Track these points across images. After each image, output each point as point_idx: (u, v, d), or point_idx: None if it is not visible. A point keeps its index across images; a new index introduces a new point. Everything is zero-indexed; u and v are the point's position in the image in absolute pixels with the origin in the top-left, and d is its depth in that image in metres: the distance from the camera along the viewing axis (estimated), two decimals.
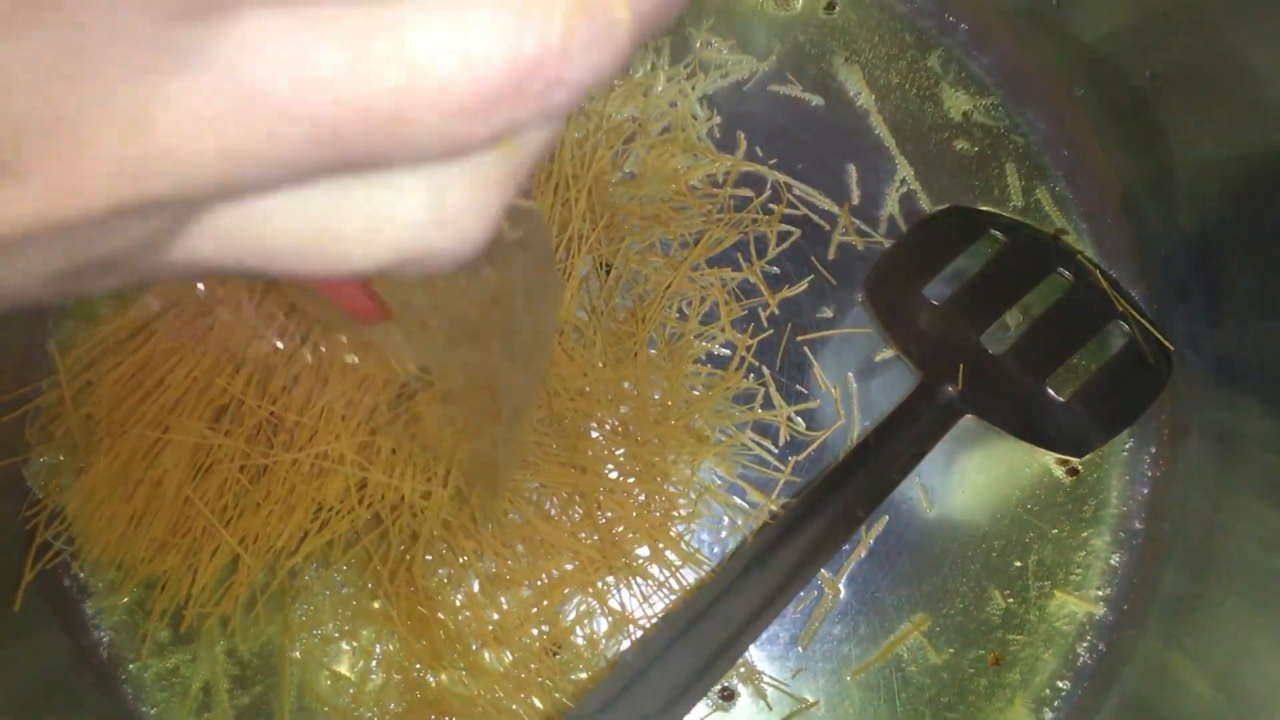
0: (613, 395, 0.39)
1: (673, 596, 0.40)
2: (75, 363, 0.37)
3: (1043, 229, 0.44)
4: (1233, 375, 0.40)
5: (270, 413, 0.36)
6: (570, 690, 0.39)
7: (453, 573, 0.39)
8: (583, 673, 0.39)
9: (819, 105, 0.44)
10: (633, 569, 0.39)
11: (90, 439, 0.37)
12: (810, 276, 0.43)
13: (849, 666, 0.41)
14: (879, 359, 0.43)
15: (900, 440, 0.40)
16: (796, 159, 0.43)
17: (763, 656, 0.41)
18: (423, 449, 0.36)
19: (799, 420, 0.42)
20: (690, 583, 0.40)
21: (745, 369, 0.42)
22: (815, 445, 0.42)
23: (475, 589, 0.39)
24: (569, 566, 0.39)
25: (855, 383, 0.42)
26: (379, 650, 0.39)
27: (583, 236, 0.39)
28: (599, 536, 0.39)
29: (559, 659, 0.39)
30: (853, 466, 0.40)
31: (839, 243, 0.43)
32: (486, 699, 0.38)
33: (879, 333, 0.43)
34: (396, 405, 0.35)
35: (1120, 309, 0.42)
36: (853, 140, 0.44)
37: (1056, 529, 0.42)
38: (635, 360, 0.40)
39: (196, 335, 0.34)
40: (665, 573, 0.40)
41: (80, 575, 0.40)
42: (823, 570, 0.41)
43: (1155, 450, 0.43)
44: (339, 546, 0.38)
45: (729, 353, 0.42)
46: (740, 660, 0.40)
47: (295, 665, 0.39)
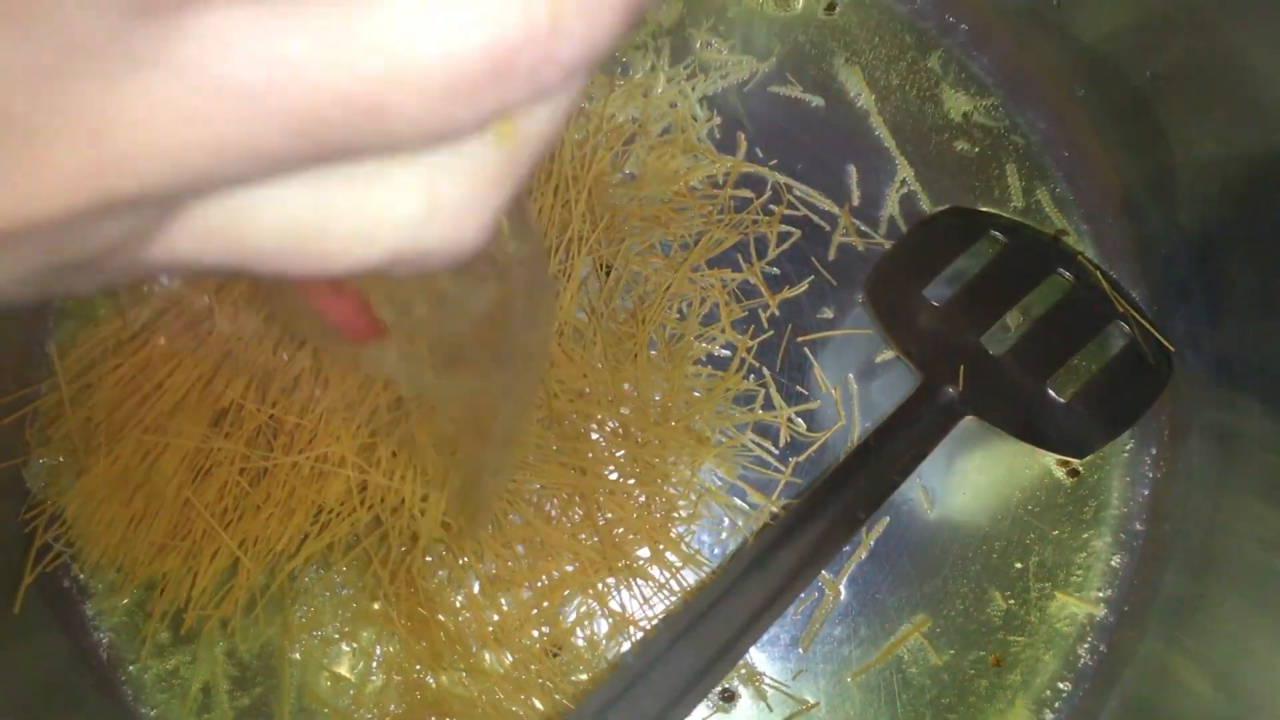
0: (613, 396, 0.39)
1: (673, 598, 0.40)
2: (74, 364, 0.37)
3: (1043, 230, 0.44)
4: (1233, 376, 0.40)
5: (270, 415, 0.36)
6: (570, 692, 0.39)
7: (453, 574, 0.39)
8: (583, 674, 0.39)
9: (819, 106, 0.44)
10: (633, 570, 0.39)
11: (90, 441, 0.36)
12: (810, 277, 0.43)
13: (850, 668, 0.41)
14: (879, 360, 0.43)
15: (901, 441, 0.40)
16: (796, 160, 0.43)
17: (763, 658, 0.41)
18: (422, 453, 0.35)
19: (799, 421, 0.42)
20: (691, 584, 0.40)
21: (745, 370, 0.42)
22: (816, 446, 0.42)
23: (475, 590, 0.39)
24: (569, 568, 0.39)
25: (856, 384, 0.42)
26: (379, 652, 0.39)
27: (583, 238, 0.39)
28: (599, 538, 0.39)
29: (559, 660, 0.39)
30: (853, 468, 0.40)
31: (839, 243, 0.43)
32: (487, 700, 0.38)
33: (879, 334, 0.42)
34: (396, 407, 0.35)
35: (1121, 310, 0.42)
36: (853, 141, 0.44)
37: (1057, 530, 0.42)
38: (635, 361, 0.39)
39: (196, 339, 0.34)
40: (666, 574, 0.40)
41: (80, 577, 0.40)
42: (823, 572, 0.41)
43: (1156, 451, 0.43)
44: (339, 548, 0.38)
45: (729, 354, 0.42)
46: (741, 662, 0.40)
47: (295, 667, 0.39)
